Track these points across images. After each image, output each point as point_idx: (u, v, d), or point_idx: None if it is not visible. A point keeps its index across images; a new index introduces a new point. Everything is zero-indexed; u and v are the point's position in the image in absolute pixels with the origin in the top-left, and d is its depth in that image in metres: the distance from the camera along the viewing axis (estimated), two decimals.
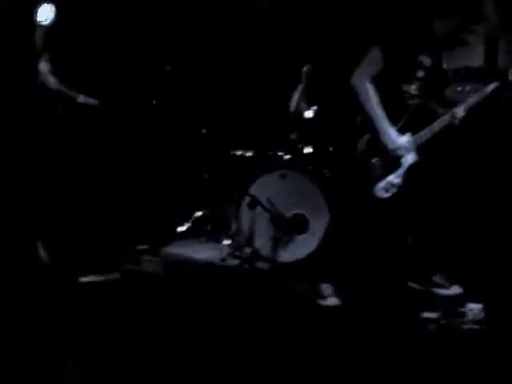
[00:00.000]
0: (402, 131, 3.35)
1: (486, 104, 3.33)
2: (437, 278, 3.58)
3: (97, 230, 3.99)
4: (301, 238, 4.05)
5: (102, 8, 4.10)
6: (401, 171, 3.34)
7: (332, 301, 3.42)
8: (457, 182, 3.53)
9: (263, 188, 4.02)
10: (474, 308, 3.20)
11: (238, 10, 4.82)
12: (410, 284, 3.67)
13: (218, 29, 4.67)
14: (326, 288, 3.48)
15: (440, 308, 3.23)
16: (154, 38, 4.58)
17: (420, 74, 3.38)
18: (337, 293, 3.44)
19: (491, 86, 3.31)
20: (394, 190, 3.32)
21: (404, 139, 3.33)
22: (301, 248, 4.02)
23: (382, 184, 3.33)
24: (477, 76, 4.20)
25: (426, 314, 3.19)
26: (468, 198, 3.69)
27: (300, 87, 4.48)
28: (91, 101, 3.91)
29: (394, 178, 3.33)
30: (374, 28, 3.92)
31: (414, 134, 3.36)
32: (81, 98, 3.90)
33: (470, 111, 3.35)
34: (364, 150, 3.34)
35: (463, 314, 3.20)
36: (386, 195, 3.32)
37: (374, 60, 3.35)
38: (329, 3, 4.51)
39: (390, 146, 3.30)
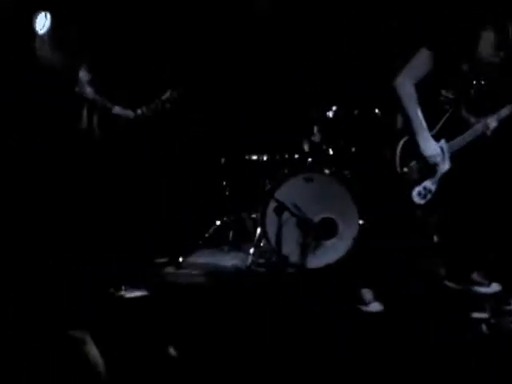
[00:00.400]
0: (436, 138, 3.29)
1: None
2: (475, 276, 3.55)
3: (118, 244, 3.88)
4: (329, 242, 3.96)
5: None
6: (436, 178, 3.28)
7: (375, 306, 3.34)
8: (489, 186, 3.48)
9: (289, 193, 3.93)
10: None
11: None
12: (447, 283, 3.64)
13: (227, 31, 4.57)
14: (367, 293, 3.40)
15: (488, 307, 3.19)
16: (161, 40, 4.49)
17: (459, 81, 3.31)
18: (378, 298, 3.37)
19: None
20: (430, 196, 3.26)
21: (440, 146, 3.27)
22: (330, 253, 3.94)
23: (418, 189, 3.25)
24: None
25: (476, 315, 3.14)
26: (500, 200, 3.68)
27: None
28: (128, 112, 3.81)
29: (431, 184, 3.27)
30: (422, 28, 3.82)
31: (447, 141, 3.31)
32: (116, 110, 3.81)
33: (502, 122, 3.32)
34: (402, 152, 3.26)
35: (511, 313, 3.16)
36: (422, 201, 3.25)
37: (424, 61, 3.21)
38: None
39: (427, 152, 3.23)
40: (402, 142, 3.26)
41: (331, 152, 4.09)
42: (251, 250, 4.13)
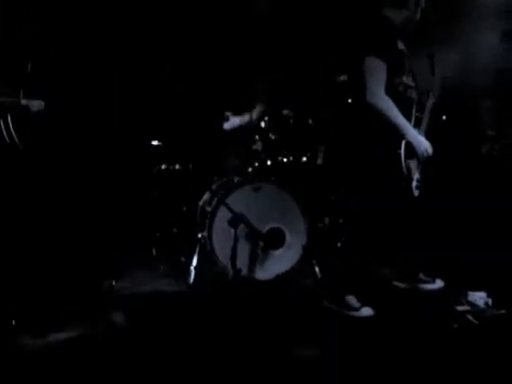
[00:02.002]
0: None
1: None
2: (421, 275, 3.83)
3: None
4: (277, 253, 3.86)
5: None
6: (420, 168, 3.45)
7: (366, 311, 3.37)
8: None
9: (237, 203, 3.70)
10: (482, 296, 3.51)
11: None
12: (395, 283, 3.86)
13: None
14: (352, 299, 3.41)
15: (464, 300, 3.47)
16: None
17: (407, 63, 3.45)
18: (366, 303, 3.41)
19: None
20: (419, 187, 3.43)
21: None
22: (279, 264, 3.84)
23: (414, 182, 3.40)
24: None
25: (460, 308, 3.39)
26: None
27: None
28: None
29: (418, 175, 3.43)
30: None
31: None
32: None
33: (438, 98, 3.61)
34: (404, 152, 3.32)
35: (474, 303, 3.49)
36: (417, 193, 3.40)
37: (377, 68, 3.26)
38: None
39: (423, 147, 3.37)
40: (403, 145, 3.32)
41: (269, 162, 3.98)
42: (191, 268, 3.79)
